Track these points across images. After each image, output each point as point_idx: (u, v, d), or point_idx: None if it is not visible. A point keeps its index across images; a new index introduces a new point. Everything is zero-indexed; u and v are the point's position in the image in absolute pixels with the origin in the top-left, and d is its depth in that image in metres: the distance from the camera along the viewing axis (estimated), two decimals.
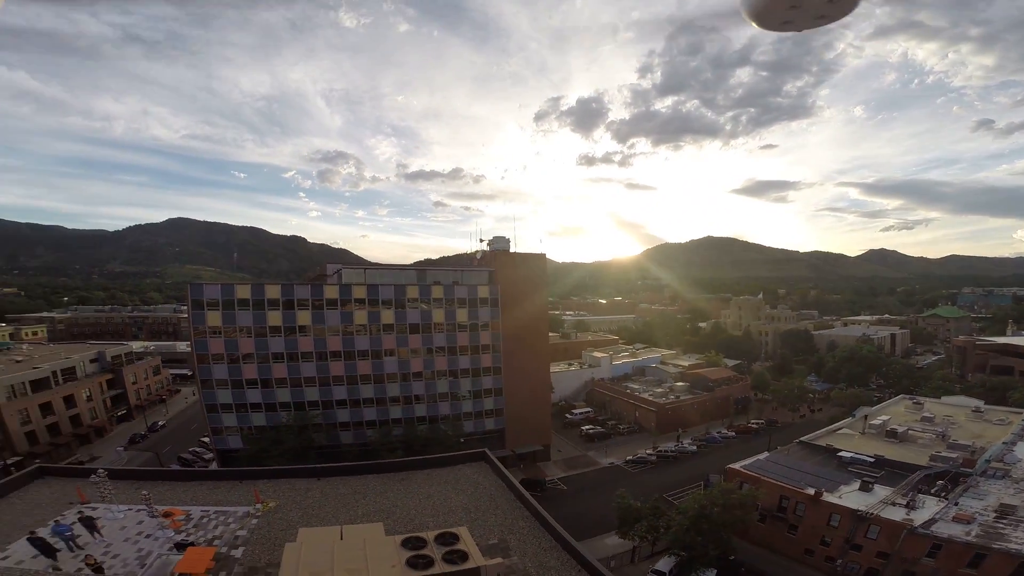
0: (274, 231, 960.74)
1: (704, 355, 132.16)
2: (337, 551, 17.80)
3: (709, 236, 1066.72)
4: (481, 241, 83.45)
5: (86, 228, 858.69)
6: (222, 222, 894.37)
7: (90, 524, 23.26)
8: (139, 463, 69.88)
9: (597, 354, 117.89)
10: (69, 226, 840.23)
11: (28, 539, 21.23)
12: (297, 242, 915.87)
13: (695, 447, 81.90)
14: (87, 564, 19.65)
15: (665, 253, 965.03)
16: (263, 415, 63.76)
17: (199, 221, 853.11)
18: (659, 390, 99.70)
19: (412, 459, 35.10)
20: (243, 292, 63.77)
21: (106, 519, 25.09)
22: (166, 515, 24.87)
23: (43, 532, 22.24)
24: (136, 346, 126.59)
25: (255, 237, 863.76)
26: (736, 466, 55.24)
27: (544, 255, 79.57)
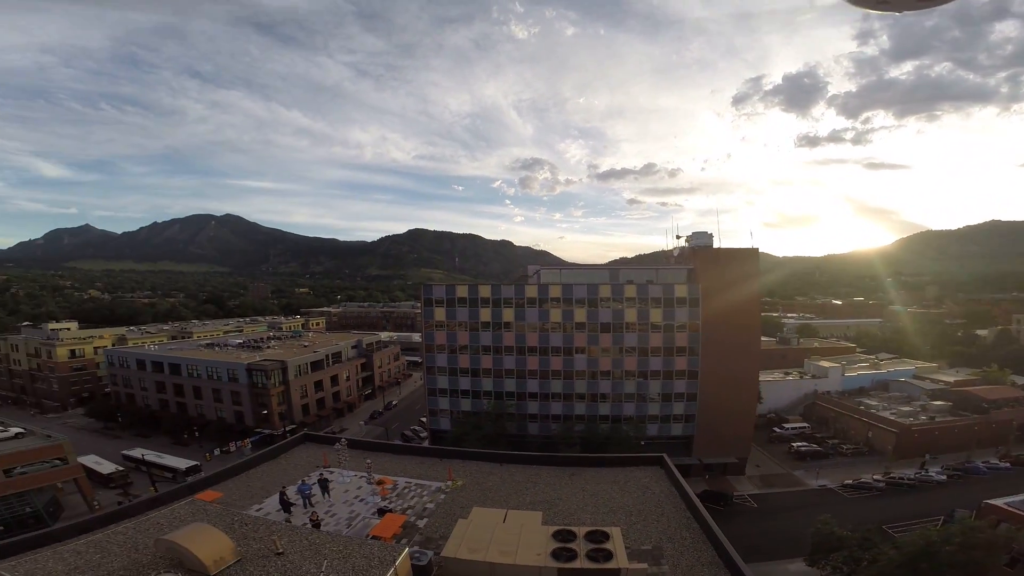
0: (487, 236, 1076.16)
1: (980, 370, 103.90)
2: (497, 532, 19.21)
3: (994, 220, 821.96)
4: (678, 238, 79.39)
5: (352, 239, 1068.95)
6: (447, 231, 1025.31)
7: (324, 485, 29.11)
8: (373, 436, 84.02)
9: (824, 363, 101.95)
10: (341, 239, 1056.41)
11: (279, 495, 27.07)
12: (506, 246, 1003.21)
13: (944, 476, 66.46)
14: (311, 520, 24.24)
15: (929, 243, 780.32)
16: (470, 401, 71.39)
17: (430, 231, 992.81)
18: (906, 408, 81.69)
19: (585, 456, 35.39)
20: (462, 292, 72.45)
21: (337, 482, 30.99)
22: (379, 483, 29.75)
23: (291, 490, 28.44)
24: (384, 336, 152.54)
25: (472, 243, 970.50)
26: (997, 502, 43.52)
27: (756, 250, 71.81)
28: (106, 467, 68.09)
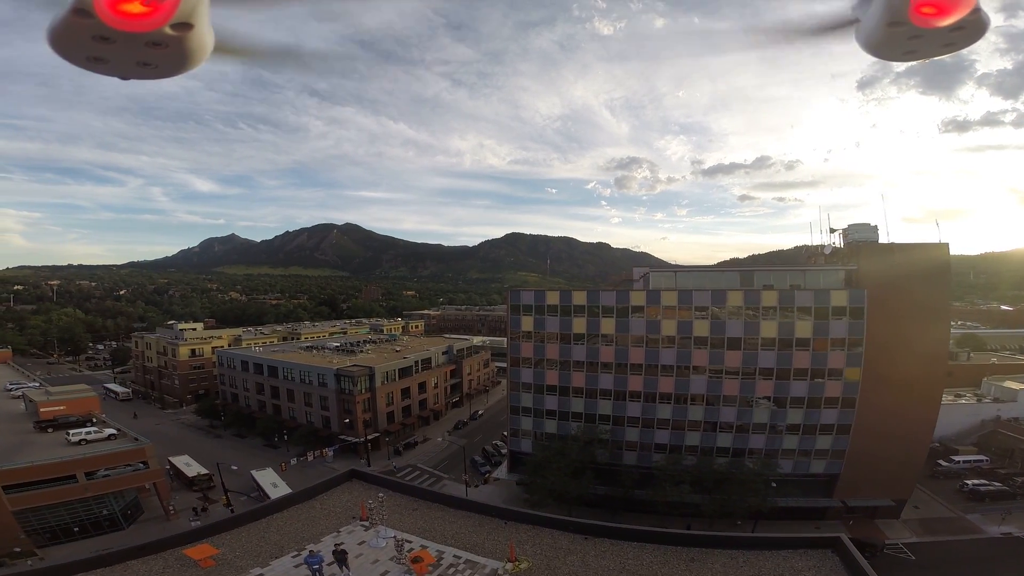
0: (582, 239, 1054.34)
1: None
2: None
3: None
4: (832, 232, 63.50)
5: (455, 244, 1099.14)
6: (542, 234, 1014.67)
7: (342, 558, 21.11)
8: (454, 450, 79.04)
9: (1011, 384, 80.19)
10: (445, 244, 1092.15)
11: None
12: (602, 248, 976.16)
13: None
14: None
15: None
16: (555, 423, 62.13)
17: (527, 234, 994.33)
18: None
19: (714, 535, 24.03)
20: (552, 298, 63.68)
21: (370, 545, 23.22)
22: (415, 560, 21.02)
23: (299, 559, 21.14)
24: (476, 340, 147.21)
25: (567, 246, 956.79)
26: None
27: (946, 246, 54.95)
28: (193, 469, 67.45)
